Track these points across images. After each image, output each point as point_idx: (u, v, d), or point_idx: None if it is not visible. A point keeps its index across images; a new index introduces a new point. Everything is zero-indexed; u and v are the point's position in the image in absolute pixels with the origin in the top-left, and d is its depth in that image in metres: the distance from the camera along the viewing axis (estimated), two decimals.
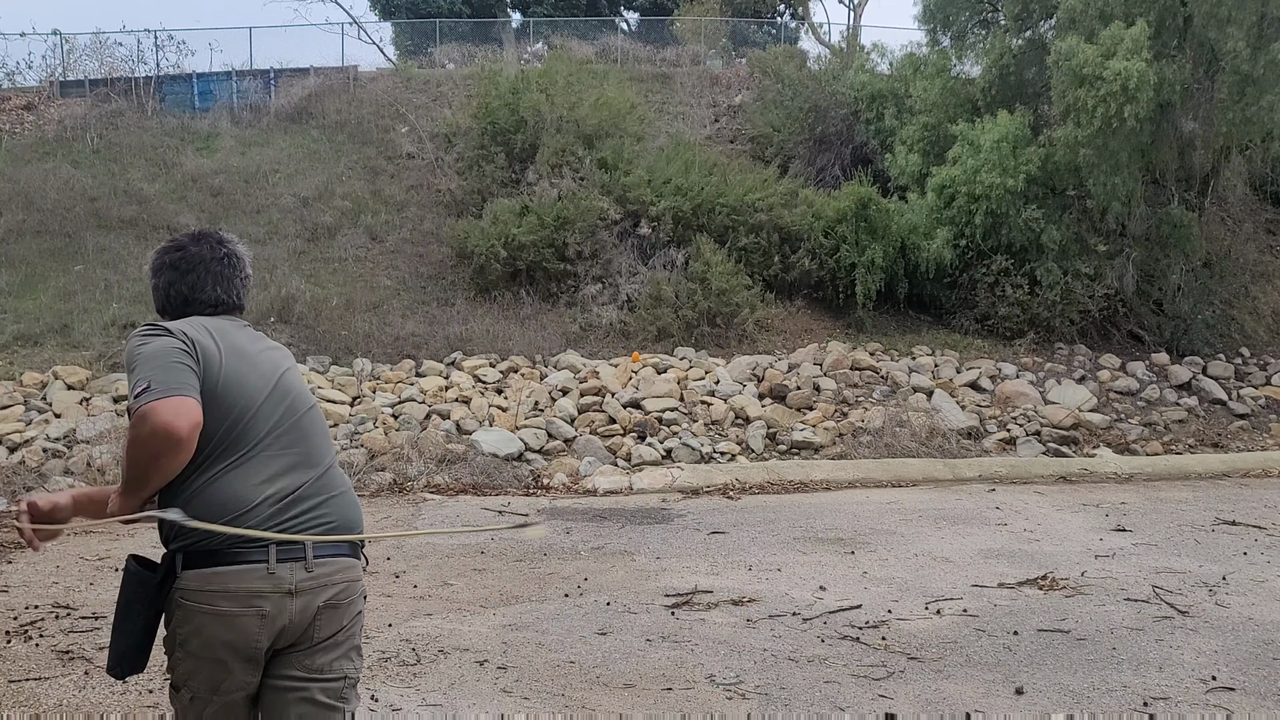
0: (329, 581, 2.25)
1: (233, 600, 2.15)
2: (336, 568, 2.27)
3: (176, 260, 2.42)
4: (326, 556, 2.25)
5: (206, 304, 2.40)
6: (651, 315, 13.25)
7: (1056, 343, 13.60)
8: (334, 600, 2.26)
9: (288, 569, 2.19)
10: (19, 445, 9.80)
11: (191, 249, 2.43)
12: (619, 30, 26.13)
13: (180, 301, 2.41)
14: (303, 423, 2.34)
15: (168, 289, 2.42)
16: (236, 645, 2.17)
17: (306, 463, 2.30)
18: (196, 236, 2.47)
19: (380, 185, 16.28)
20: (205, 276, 2.41)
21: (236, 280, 2.46)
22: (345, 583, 2.29)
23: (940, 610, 5.50)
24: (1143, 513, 8.44)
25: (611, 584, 6.05)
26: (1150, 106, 12.22)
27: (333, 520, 2.29)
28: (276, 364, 2.37)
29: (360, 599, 2.36)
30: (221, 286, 2.42)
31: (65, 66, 19.79)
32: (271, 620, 2.18)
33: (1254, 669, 4.62)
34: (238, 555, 2.16)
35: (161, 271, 2.44)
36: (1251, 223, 16.57)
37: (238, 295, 2.46)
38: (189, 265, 2.41)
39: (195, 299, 2.40)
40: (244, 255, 2.50)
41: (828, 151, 16.55)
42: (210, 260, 2.42)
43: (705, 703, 4.18)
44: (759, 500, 8.95)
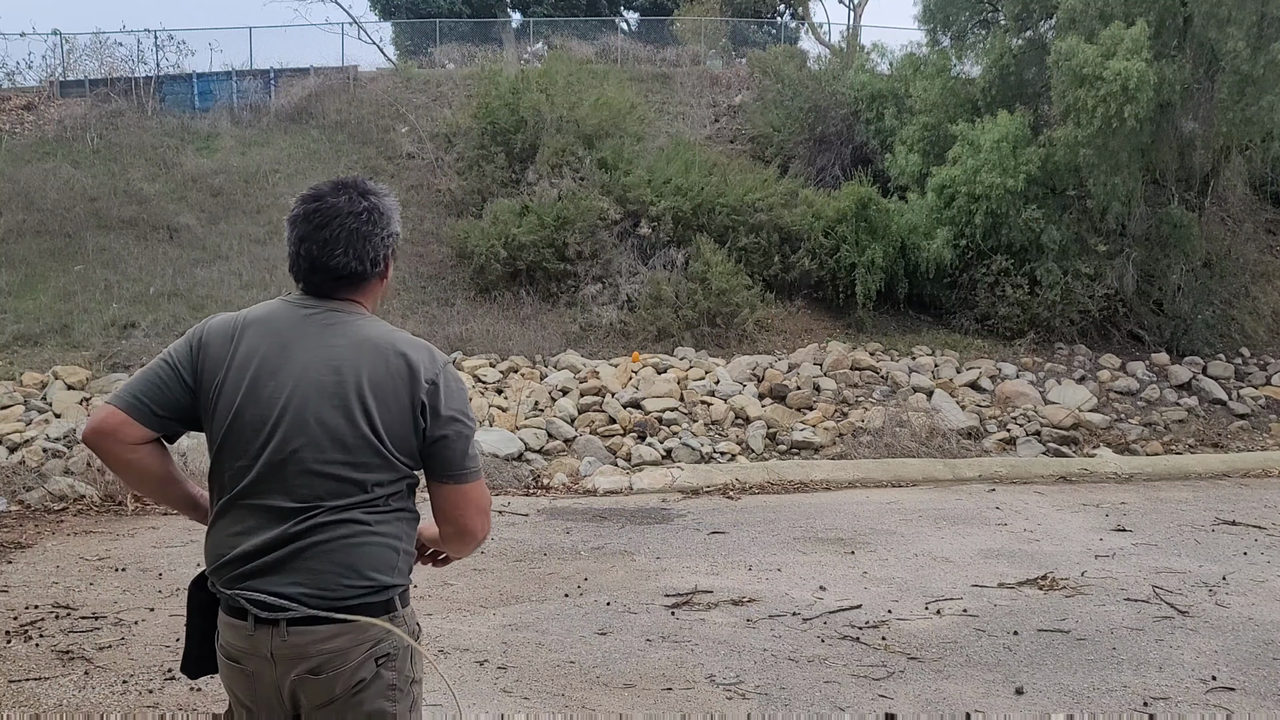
0: (305, 653, 1.95)
1: (226, 650, 2.03)
2: (315, 637, 1.94)
3: (311, 211, 2.04)
4: (304, 625, 1.94)
5: (333, 272, 2.04)
6: (651, 315, 13.25)
7: (1056, 343, 13.60)
8: (315, 670, 1.96)
9: (266, 634, 1.95)
10: (19, 445, 9.80)
11: (329, 200, 2.06)
12: (619, 30, 26.13)
13: (308, 266, 2.05)
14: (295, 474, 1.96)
15: (296, 247, 2.05)
16: (235, 692, 2.07)
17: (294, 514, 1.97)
18: (338, 186, 2.10)
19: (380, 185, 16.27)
20: (339, 234, 2.03)
21: (376, 240, 2.08)
22: (330, 653, 1.95)
23: (940, 610, 5.50)
24: (1143, 513, 8.44)
25: (611, 584, 6.05)
26: (1150, 106, 12.22)
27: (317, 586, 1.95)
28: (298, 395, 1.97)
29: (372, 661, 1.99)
30: (354, 249, 2.04)
31: (65, 66, 19.80)
32: (257, 680, 1.99)
33: (1254, 669, 4.62)
34: (231, 605, 1.99)
35: (295, 224, 2.06)
36: (1251, 223, 16.57)
37: (373, 260, 2.07)
38: (324, 218, 2.03)
39: (324, 264, 2.03)
40: (390, 210, 2.15)
41: (828, 151, 16.55)
42: (347, 215, 2.05)
43: (705, 703, 4.18)
44: (759, 500, 8.95)
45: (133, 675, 4.35)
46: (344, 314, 2.06)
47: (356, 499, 1.98)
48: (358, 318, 2.07)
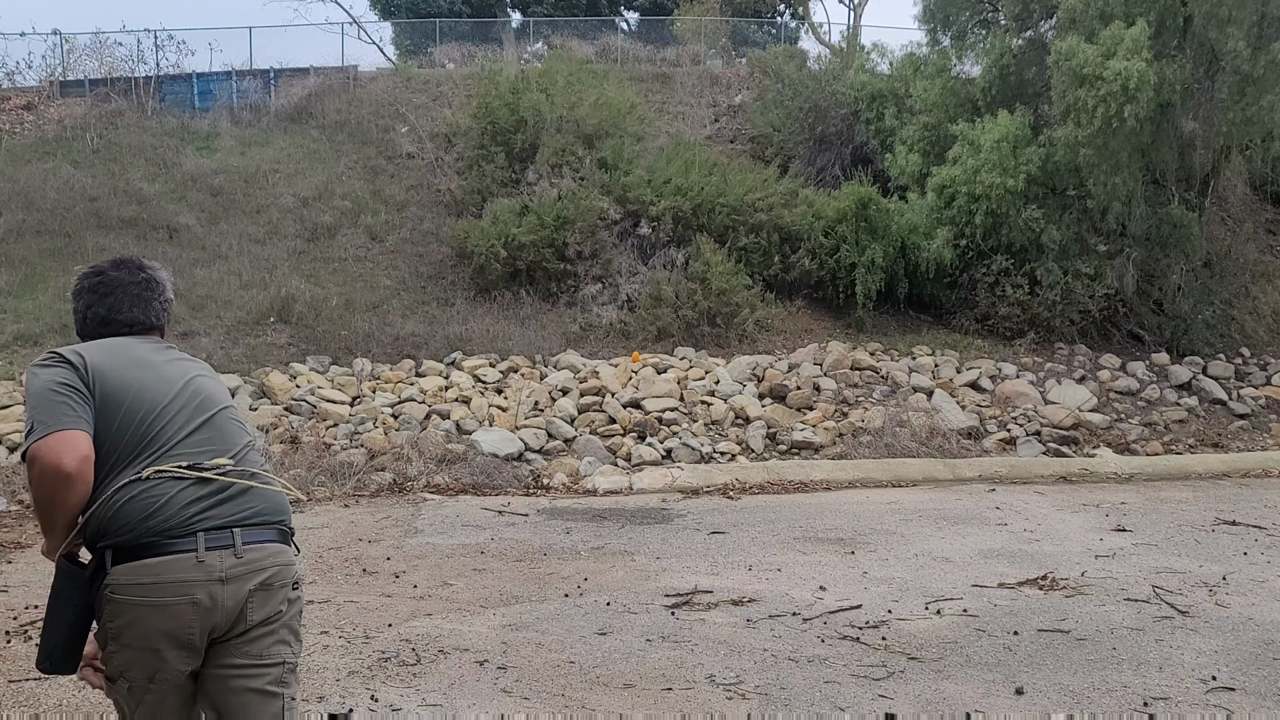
0: (259, 566, 2.30)
1: (165, 590, 2.20)
2: (266, 553, 2.33)
3: (95, 284, 2.50)
4: (255, 543, 2.31)
5: (123, 324, 2.48)
6: (651, 315, 13.25)
7: (1056, 343, 13.60)
8: (266, 583, 2.31)
9: (217, 556, 2.25)
10: (19, 445, 9.80)
11: (111, 274, 2.52)
12: (619, 30, 26.14)
13: (97, 322, 2.49)
14: (215, 420, 2.40)
15: (85, 311, 2.50)
16: (171, 633, 2.22)
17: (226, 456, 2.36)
18: (117, 263, 2.56)
19: (380, 185, 16.28)
20: (123, 299, 2.49)
21: (155, 303, 2.54)
22: (276, 567, 2.34)
23: (940, 610, 5.50)
24: (1143, 513, 8.44)
25: (611, 584, 6.05)
26: (1150, 106, 12.22)
27: (255, 507, 2.35)
28: (185, 370, 2.45)
29: (292, 585, 2.39)
30: (139, 308, 2.50)
31: (65, 66, 19.81)
32: (204, 607, 2.23)
33: (1254, 669, 4.62)
34: (167, 546, 2.22)
35: (80, 295, 2.51)
36: (1251, 223, 16.57)
37: (156, 317, 2.54)
38: (108, 289, 2.50)
39: (112, 319, 2.48)
40: (164, 280, 2.59)
41: (828, 151, 16.55)
42: (129, 284, 2.51)
43: (705, 703, 4.17)
44: (759, 500, 8.95)
45: None
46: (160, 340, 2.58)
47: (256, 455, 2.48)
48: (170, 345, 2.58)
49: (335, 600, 5.58)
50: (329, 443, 10.01)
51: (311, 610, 5.36)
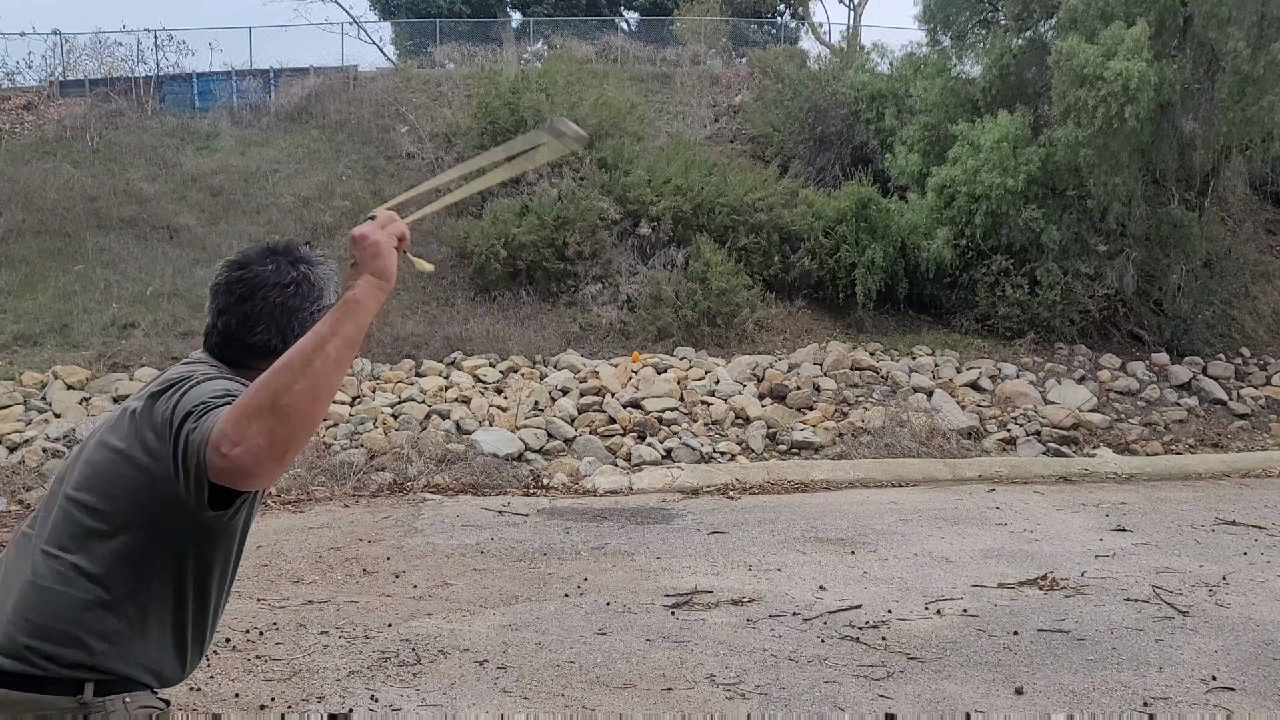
0: None
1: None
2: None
3: (234, 281, 1.82)
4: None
5: (252, 351, 1.77)
6: (651, 315, 13.25)
7: (1056, 343, 13.60)
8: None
9: None
10: (19, 445, 9.80)
11: (255, 269, 1.83)
12: (619, 30, 26.14)
13: (223, 339, 1.81)
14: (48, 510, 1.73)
15: (215, 317, 1.82)
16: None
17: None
18: (267, 251, 1.86)
19: (380, 185, 16.27)
20: (261, 309, 1.79)
21: (304, 315, 1.79)
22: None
23: (940, 610, 5.50)
24: (1143, 513, 8.44)
25: (611, 584, 6.04)
26: (1151, 106, 12.21)
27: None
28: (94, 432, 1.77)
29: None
30: (278, 325, 1.78)
31: (65, 66, 19.80)
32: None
33: (1254, 669, 4.62)
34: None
35: (216, 294, 1.84)
36: (1251, 223, 16.57)
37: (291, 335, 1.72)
38: (248, 290, 1.81)
39: (240, 340, 1.79)
40: (324, 280, 1.87)
41: (828, 151, 16.54)
42: (273, 286, 1.80)
43: (705, 703, 4.17)
44: (759, 500, 8.95)
45: None
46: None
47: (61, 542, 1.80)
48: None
49: (335, 600, 5.58)
50: (329, 443, 10.01)
51: (311, 610, 5.37)
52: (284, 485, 8.77)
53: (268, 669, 4.42)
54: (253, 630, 4.93)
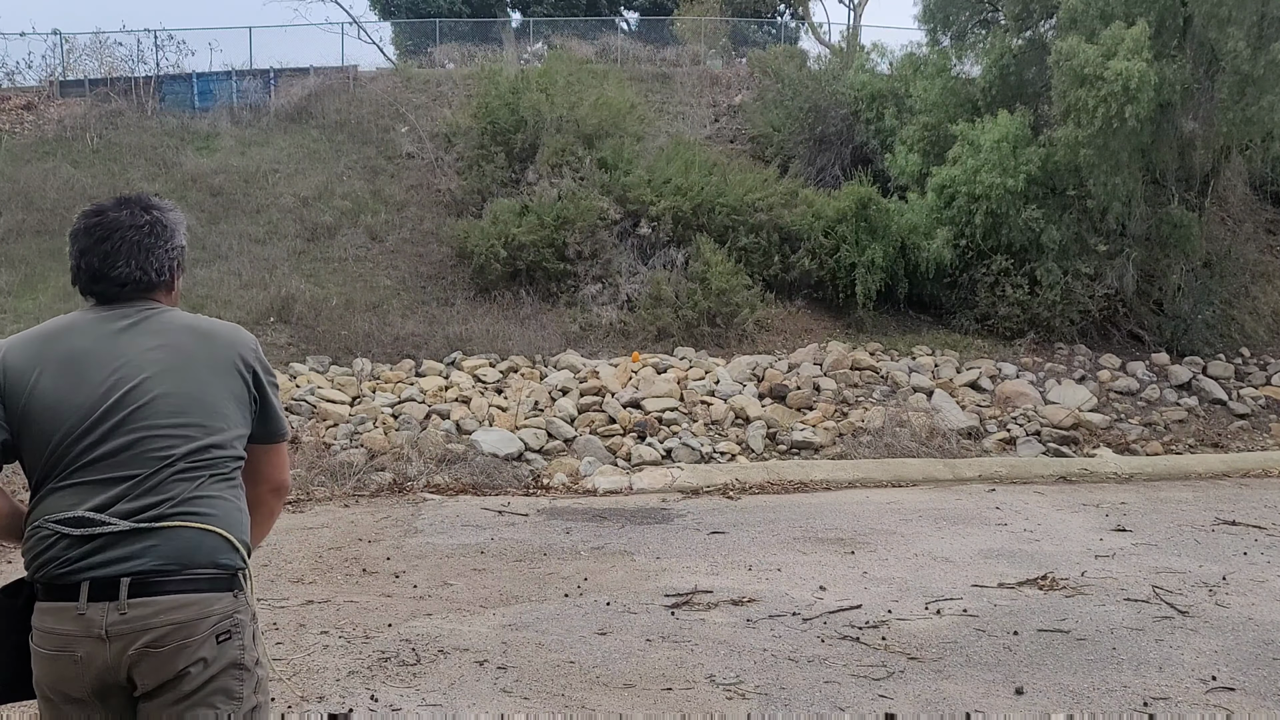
0: (145, 625, 1.91)
1: (49, 641, 1.94)
2: (158, 608, 1.92)
3: (92, 225, 2.09)
4: (146, 596, 1.92)
5: (116, 283, 2.07)
6: (651, 315, 13.25)
7: (1056, 343, 13.60)
8: (155, 643, 1.92)
9: (100, 610, 1.91)
10: None
11: (111, 214, 2.10)
12: (619, 30, 26.15)
13: (89, 277, 2.07)
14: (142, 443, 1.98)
15: (78, 259, 2.08)
16: (57, 688, 1.96)
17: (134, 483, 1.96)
18: (121, 201, 2.15)
19: (380, 185, 16.28)
20: (119, 247, 2.06)
21: (159, 252, 2.11)
22: (169, 625, 1.93)
23: (940, 610, 5.50)
24: (1143, 513, 8.44)
25: (611, 584, 6.04)
26: (1151, 106, 12.22)
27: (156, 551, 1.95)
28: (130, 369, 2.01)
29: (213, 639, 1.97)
30: (136, 260, 2.07)
31: (65, 66, 19.81)
32: (86, 665, 1.92)
33: (1254, 669, 4.62)
34: (54, 591, 1.95)
35: (75, 238, 2.10)
36: (1251, 223, 16.57)
37: (157, 272, 2.10)
38: (105, 232, 2.07)
39: (104, 275, 2.06)
40: (175, 224, 2.17)
41: (828, 151, 16.55)
42: (128, 228, 2.08)
43: (705, 703, 4.17)
44: (759, 500, 8.95)
45: None
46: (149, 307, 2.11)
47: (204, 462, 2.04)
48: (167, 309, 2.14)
49: (335, 600, 5.58)
50: (329, 443, 10.01)
51: (311, 610, 5.37)
52: None
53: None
54: None
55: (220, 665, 1.99)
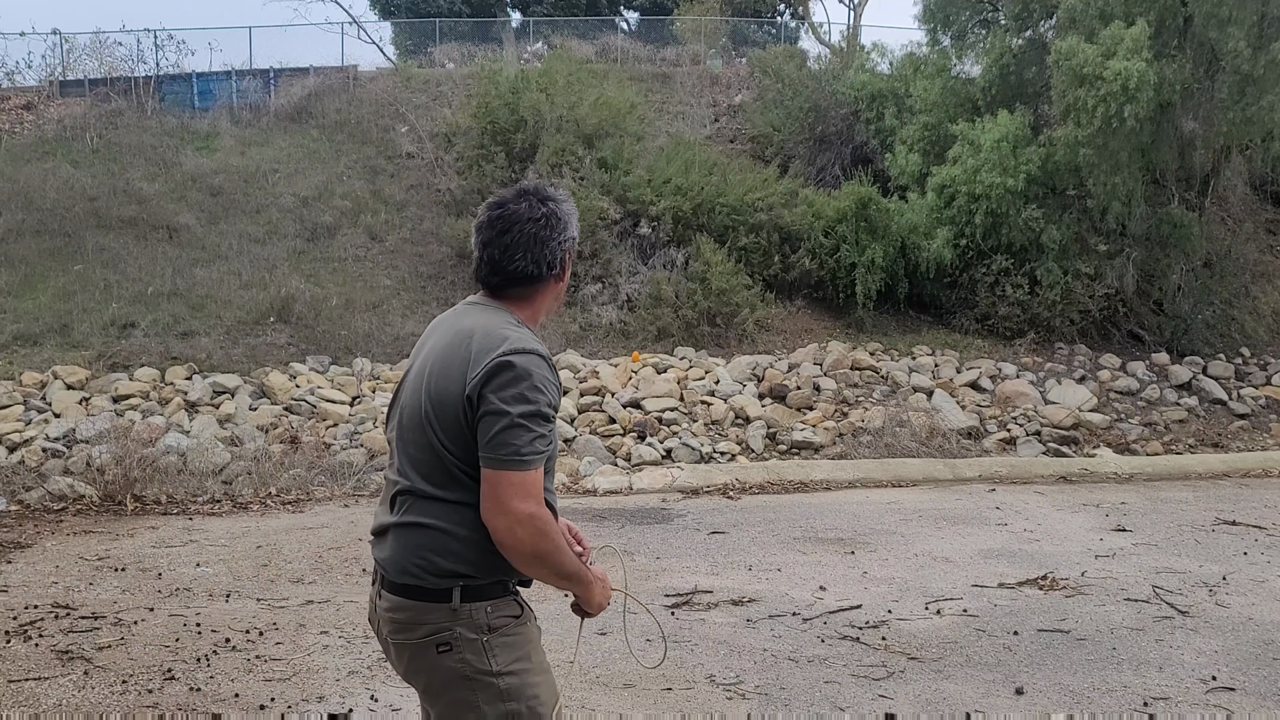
0: (386, 616, 2.15)
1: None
2: (390, 605, 2.12)
3: (495, 219, 2.18)
4: (386, 592, 2.15)
5: (513, 277, 2.19)
6: (651, 315, 13.24)
7: (1056, 343, 13.60)
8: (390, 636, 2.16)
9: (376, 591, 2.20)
10: (18, 445, 9.81)
11: (511, 206, 2.19)
12: (619, 30, 26.15)
13: (489, 269, 2.20)
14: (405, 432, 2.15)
15: (481, 251, 2.20)
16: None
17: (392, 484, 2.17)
18: (520, 193, 2.23)
19: (380, 185, 16.28)
20: (518, 240, 2.16)
21: (553, 244, 2.20)
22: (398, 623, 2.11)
23: (940, 610, 5.49)
24: (1143, 513, 8.43)
25: (611, 584, 6.04)
26: (1150, 106, 12.22)
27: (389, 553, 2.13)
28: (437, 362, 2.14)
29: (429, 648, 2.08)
30: (532, 254, 2.16)
31: (65, 66, 19.82)
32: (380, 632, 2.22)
33: (1254, 669, 4.62)
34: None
35: (480, 230, 2.21)
36: (1251, 223, 16.58)
37: (549, 264, 2.21)
38: (506, 225, 2.17)
39: (502, 268, 2.18)
40: (568, 215, 2.25)
41: (828, 151, 16.55)
42: (527, 221, 2.17)
43: (705, 703, 4.17)
44: (759, 500, 8.94)
45: (132, 675, 4.35)
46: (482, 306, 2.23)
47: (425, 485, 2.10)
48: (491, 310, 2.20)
49: (335, 600, 5.58)
50: (329, 442, 10.01)
51: (311, 610, 5.36)
52: (283, 485, 8.77)
53: (268, 669, 4.41)
54: (252, 630, 4.93)
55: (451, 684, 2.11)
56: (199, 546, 6.68)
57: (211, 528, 7.26)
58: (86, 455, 9.40)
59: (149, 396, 10.99)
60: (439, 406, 2.06)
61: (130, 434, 9.94)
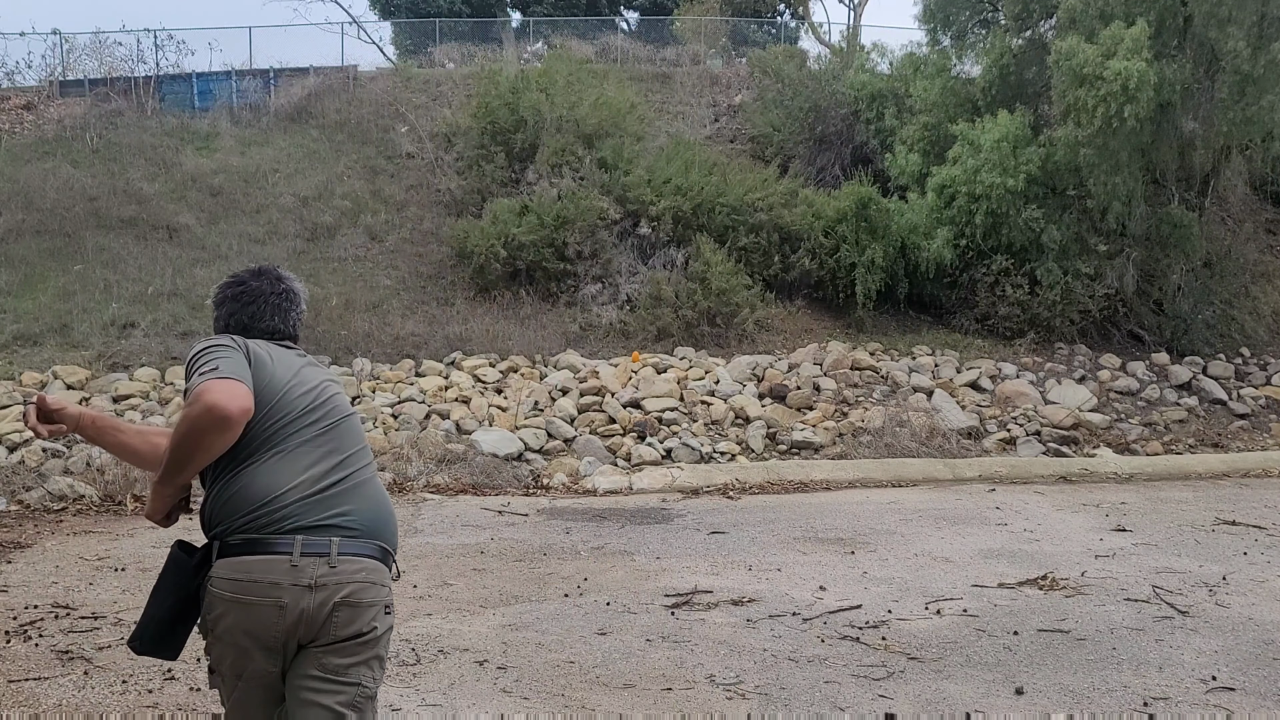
0: (349, 580, 2.30)
1: (253, 590, 2.24)
2: (359, 567, 2.33)
3: (238, 293, 2.59)
4: (351, 555, 2.32)
5: (264, 331, 2.56)
6: (651, 315, 13.24)
7: (1056, 343, 13.60)
8: (350, 598, 2.30)
9: (310, 562, 2.26)
10: (19, 445, 9.79)
11: (252, 284, 2.60)
12: (619, 30, 26.14)
13: (240, 329, 2.56)
14: (340, 428, 2.45)
15: (228, 318, 2.59)
16: (255, 634, 2.25)
17: (340, 464, 2.39)
18: (257, 273, 2.65)
19: (380, 185, 16.27)
20: (264, 308, 2.58)
21: (293, 313, 2.64)
22: (365, 583, 2.34)
23: (940, 610, 5.50)
24: (1143, 513, 8.44)
25: (611, 584, 6.04)
26: (1150, 106, 12.22)
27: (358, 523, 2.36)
28: (320, 377, 2.53)
29: (383, 608, 2.40)
30: (279, 317, 2.60)
31: (65, 66, 19.79)
32: (288, 612, 2.24)
33: (1254, 669, 4.62)
34: (267, 546, 2.26)
35: (224, 303, 2.60)
36: (1251, 223, 16.57)
37: (292, 326, 2.64)
38: (250, 298, 2.58)
39: (254, 327, 2.56)
40: (300, 292, 2.69)
41: (828, 151, 16.55)
42: (270, 294, 2.60)
43: (705, 703, 4.17)
44: (759, 500, 8.94)
45: (132, 675, 4.35)
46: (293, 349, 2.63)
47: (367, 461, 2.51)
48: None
49: None
50: None
51: None
52: None
53: None
54: None
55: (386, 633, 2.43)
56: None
57: None
58: (86, 455, 9.40)
59: (149, 396, 11.00)
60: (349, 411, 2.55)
61: None
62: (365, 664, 2.35)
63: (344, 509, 2.35)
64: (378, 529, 2.41)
